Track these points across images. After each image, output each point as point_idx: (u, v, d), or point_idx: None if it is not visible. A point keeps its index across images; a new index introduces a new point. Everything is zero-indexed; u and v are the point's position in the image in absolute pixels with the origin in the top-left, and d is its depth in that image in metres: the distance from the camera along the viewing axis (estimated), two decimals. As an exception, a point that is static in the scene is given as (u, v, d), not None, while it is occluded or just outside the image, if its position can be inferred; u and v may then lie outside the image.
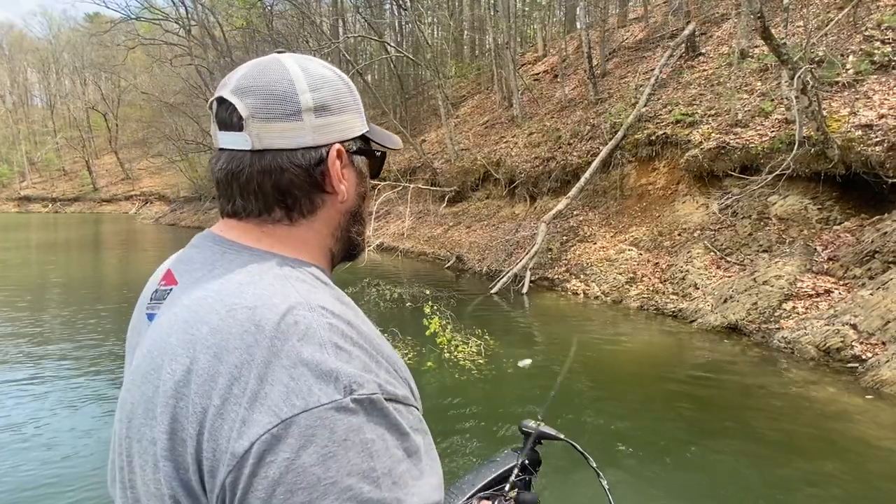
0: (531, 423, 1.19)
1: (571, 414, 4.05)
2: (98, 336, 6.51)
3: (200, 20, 23.07)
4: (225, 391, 0.43)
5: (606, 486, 1.17)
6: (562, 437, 1.17)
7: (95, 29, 34.24)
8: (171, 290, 0.55)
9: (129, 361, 0.59)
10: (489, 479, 1.10)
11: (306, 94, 0.56)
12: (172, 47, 25.56)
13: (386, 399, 0.46)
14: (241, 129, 0.55)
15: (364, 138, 0.62)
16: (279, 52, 0.60)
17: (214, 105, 0.57)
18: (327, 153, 0.57)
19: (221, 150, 0.58)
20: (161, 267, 0.62)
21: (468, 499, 1.04)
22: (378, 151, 0.65)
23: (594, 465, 1.18)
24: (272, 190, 0.56)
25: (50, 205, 42.79)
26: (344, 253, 0.64)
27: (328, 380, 0.43)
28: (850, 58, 7.09)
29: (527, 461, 1.14)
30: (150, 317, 0.56)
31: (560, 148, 10.86)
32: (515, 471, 1.11)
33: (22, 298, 8.84)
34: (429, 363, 4.65)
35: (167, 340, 0.49)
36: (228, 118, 0.55)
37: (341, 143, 0.58)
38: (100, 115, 43.13)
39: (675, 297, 6.69)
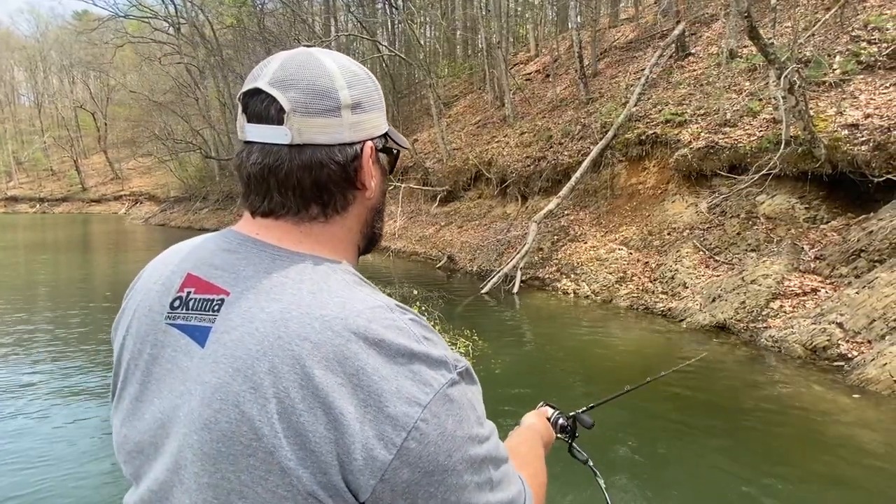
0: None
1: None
2: (85, 338, 6.39)
3: (190, 18, 22.85)
4: (354, 398, 0.47)
5: (603, 485, 1.15)
6: (558, 435, 1.15)
7: (83, 27, 33.80)
8: (221, 299, 0.54)
9: (129, 374, 0.58)
10: None
11: (345, 91, 0.56)
12: (162, 46, 25.27)
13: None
14: (280, 122, 0.54)
15: (385, 136, 0.63)
16: (307, 46, 0.61)
17: (248, 97, 0.56)
18: (361, 150, 0.58)
19: (250, 143, 0.57)
20: (163, 270, 0.60)
21: None
22: (395, 149, 0.66)
23: (591, 464, 1.17)
24: (311, 186, 0.56)
25: (37, 205, 42.19)
26: (366, 247, 0.66)
27: (440, 365, 0.50)
28: (837, 58, 7.14)
29: None
30: (190, 329, 0.54)
31: (551, 148, 10.86)
32: None
33: (7, 300, 8.68)
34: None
35: (264, 359, 0.49)
36: (265, 111, 0.55)
37: (371, 140, 0.60)
38: (88, 114, 42.59)
39: (664, 296, 6.70)
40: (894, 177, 5.62)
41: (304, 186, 0.56)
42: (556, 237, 9.13)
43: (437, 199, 13.47)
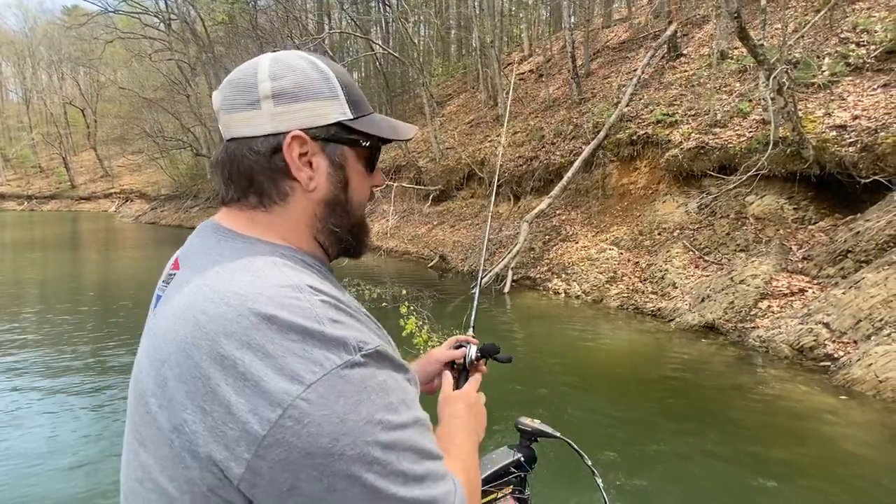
0: (527, 421, 1.19)
1: (552, 413, 4.02)
2: (73, 337, 6.29)
3: (181, 14, 22.59)
4: (234, 371, 0.46)
5: (602, 485, 1.16)
6: (558, 434, 1.17)
7: (73, 22, 33.34)
8: (174, 274, 0.59)
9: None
10: (485, 475, 1.11)
11: (266, 83, 0.58)
12: (152, 42, 24.98)
13: (385, 348, 0.53)
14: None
15: (344, 126, 0.61)
16: (273, 52, 0.63)
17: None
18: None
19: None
20: (174, 254, 0.66)
21: None
22: (364, 141, 0.63)
23: (589, 463, 1.17)
24: (238, 176, 0.59)
25: (25, 203, 41.60)
26: (336, 246, 0.65)
27: (336, 345, 0.48)
28: (826, 59, 7.18)
29: (523, 458, 1.15)
30: (158, 298, 0.59)
31: (543, 147, 10.86)
32: (511, 468, 1.12)
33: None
34: (404, 364, 4.56)
35: (171, 328, 0.52)
36: (217, 113, 0.61)
37: (306, 130, 0.58)
38: (77, 110, 42.04)
39: (654, 296, 6.71)
40: (881, 178, 5.66)
41: (233, 177, 0.59)
42: (547, 237, 9.12)
43: (430, 198, 13.43)
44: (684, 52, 10.19)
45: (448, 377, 0.92)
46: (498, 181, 11.36)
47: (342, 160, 0.62)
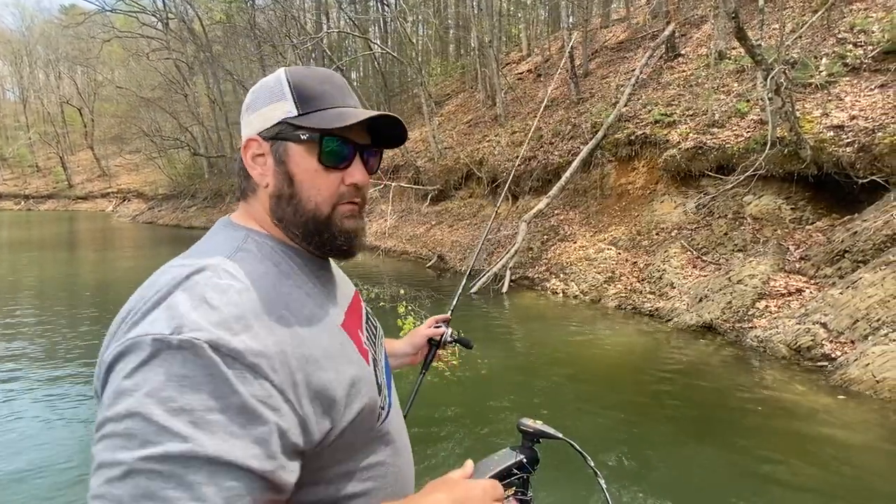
0: (529, 422, 1.19)
1: (550, 413, 4.01)
2: (69, 337, 6.26)
3: (179, 13, 22.52)
4: (121, 321, 0.53)
5: (604, 486, 1.16)
6: (560, 436, 1.16)
7: (70, 21, 33.21)
8: None
9: None
10: (487, 476, 1.08)
11: (247, 99, 0.70)
12: (150, 41, 24.90)
13: (221, 353, 0.49)
14: None
15: (289, 124, 0.64)
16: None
17: None
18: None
19: None
20: None
21: None
22: (304, 134, 0.63)
23: (592, 464, 1.18)
24: (236, 176, 0.72)
25: (22, 202, 41.41)
26: (303, 241, 0.66)
27: (168, 320, 0.49)
28: (824, 60, 7.19)
29: (525, 459, 1.13)
30: None
31: (542, 147, 10.85)
32: (514, 469, 1.11)
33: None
34: (401, 365, 4.54)
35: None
36: None
37: (260, 133, 0.66)
38: (75, 109, 41.87)
39: (652, 296, 6.71)
40: (878, 178, 5.67)
41: (238, 173, 0.72)
42: (545, 237, 9.12)
43: (428, 198, 13.41)
44: (682, 52, 10.19)
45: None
46: (495, 181, 11.43)
47: (284, 156, 0.65)
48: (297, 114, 0.63)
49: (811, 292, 5.38)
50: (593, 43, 13.72)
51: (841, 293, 4.96)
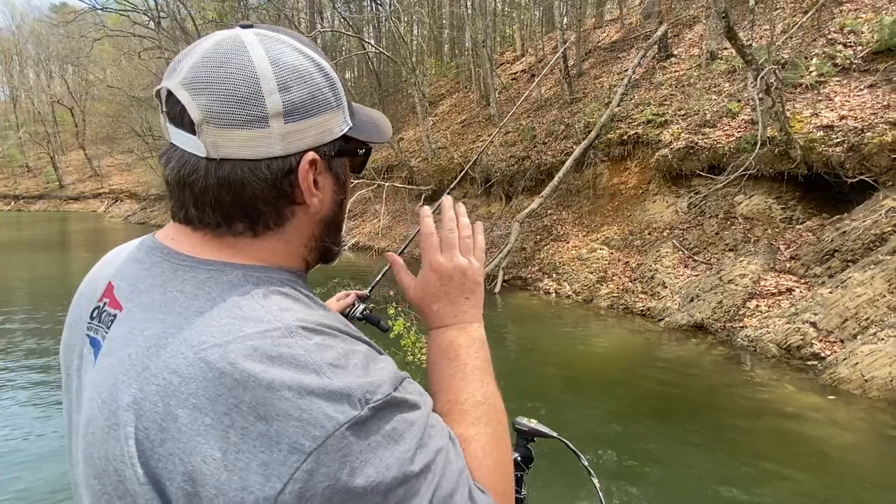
0: (524, 420, 1.17)
1: (542, 411, 3.99)
2: (53, 340, 6.18)
3: (171, 12, 22.36)
4: (223, 443, 0.40)
5: (598, 485, 1.16)
6: (555, 435, 1.15)
7: (60, 20, 32.90)
8: (115, 315, 0.49)
9: (69, 384, 0.54)
10: None
11: (274, 96, 0.47)
12: (142, 40, 24.70)
13: (395, 390, 0.46)
14: (193, 132, 0.47)
15: (345, 137, 0.54)
16: (244, 27, 0.49)
17: (163, 94, 0.48)
18: (298, 163, 0.50)
19: (174, 146, 0.50)
20: (97, 274, 0.56)
21: None
22: (362, 149, 0.57)
23: (586, 463, 1.18)
24: (232, 204, 0.49)
25: (12, 203, 40.96)
26: (318, 261, 0.59)
27: (340, 400, 0.42)
28: (814, 60, 7.23)
29: (520, 458, 1.13)
30: (94, 342, 0.50)
31: (535, 147, 10.85)
32: None
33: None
34: (391, 366, 4.50)
35: (127, 391, 0.43)
36: (179, 116, 0.47)
37: (316, 149, 0.51)
38: (66, 109, 41.49)
39: (643, 295, 6.72)
40: (867, 178, 5.70)
41: (223, 203, 0.49)
42: (539, 237, 9.11)
43: (422, 198, 13.38)
44: (675, 52, 10.23)
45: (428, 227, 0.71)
46: (489, 181, 11.42)
47: (344, 175, 0.56)
48: (351, 125, 0.54)
49: (801, 292, 5.40)
50: (587, 43, 13.75)
51: (830, 292, 4.98)
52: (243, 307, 0.45)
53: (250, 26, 0.50)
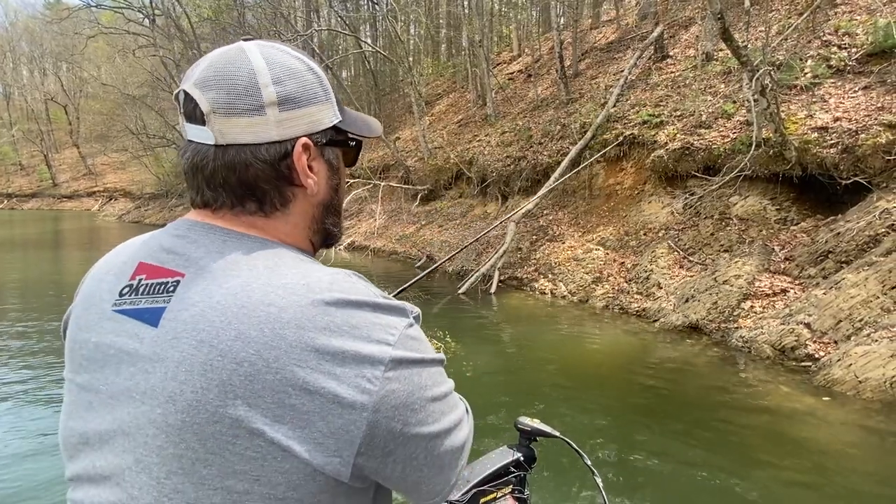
0: (527, 420, 1.19)
1: (538, 412, 3.97)
2: (53, 337, 6.10)
3: (165, 10, 22.21)
4: (328, 349, 0.50)
5: (601, 484, 1.17)
6: (557, 434, 1.17)
7: (54, 17, 32.62)
8: (176, 281, 0.54)
9: (89, 360, 0.57)
10: (485, 475, 1.10)
11: (269, 88, 0.56)
12: (136, 38, 24.52)
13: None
14: (203, 123, 0.56)
15: (336, 128, 0.62)
16: (246, 40, 0.59)
17: (181, 96, 0.58)
18: (293, 147, 0.58)
19: (190, 141, 0.59)
20: (114, 261, 0.61)
21: (464, 494, 1.06)
22: (353, 140, 0.65)
23: (589, 462, 1.19)
24: (237, 184, 0.57)
25: (5, 201, 40.62)
26: (322, 242, 0.67)
27: (399, 312, 0.55)
28: (808, 62, 7.25)
29: (522, 458, 1.15)
30: (140, 312, 0.54)
31: (531, 147, 10.84)
32: (511, 467, 1.13)
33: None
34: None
35: (229, 329, 0.50)
36: (192, 111, 0.56)
37: (309, 136, 0.59)
38: (59, 107, 41.15)
39: (639, 296, 6.71)
40: (861, 179, 5.72)
41: (231, 184, 0.57)
42: (534, 237, 9.10)
43: (418, 197, 13.35)
44: (670, 53, 10.24)
45: None
46: (485, 181, 11.40)
47: (337, 163, 0.64)
48: (340, 118, 0.62)
49: (795, 293, 5.41)
50: (583, 43, 13.75)
51: (824, 293, 4.99)
52: (300, 264, 0.56)
53: (251, 39, 0.60)
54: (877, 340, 4.25)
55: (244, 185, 0.57)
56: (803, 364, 4.62)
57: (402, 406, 0.52)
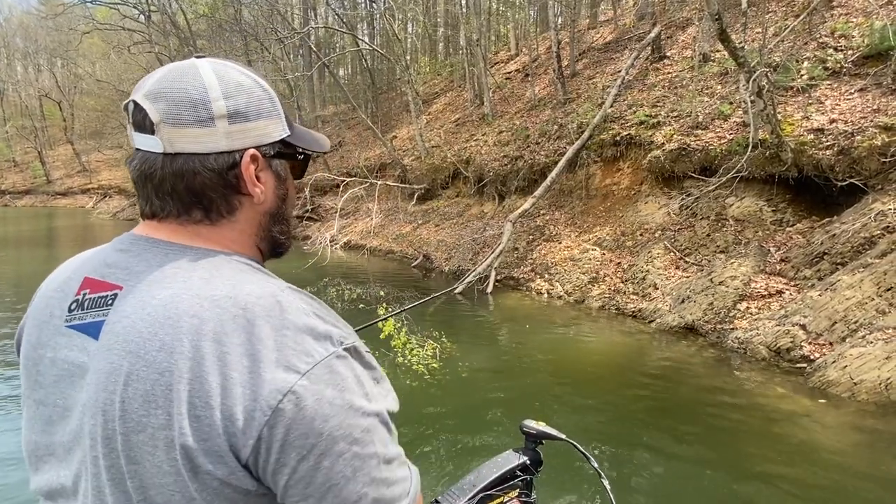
0: (532, 423, 1.19)
1: (535, 413, 3.95)
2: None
3: (161, 6, 22.06)
4: (239, 365, 0.50)
5: (608, 486, 1.16)
6: (563, 437, 1.17)
7: (49, 12, 32.34)
8: (114, 294, 0.57)
9: (39, 375, 0.59)
10: (491, 479, 1.10)
11: (220, 102, 0.59)
12: (131, 34, 24.35)
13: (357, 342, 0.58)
14: (153, 132, 0.58)
15: (284, 142, 0.65)
16: (198, 57, 0.62)
17: (131, 106, 0.59)
18: (241, 158, 0.60)
19: (137, 150, 0.60)
20: (59, 277, 0.63)
21: (470, 499, 1.06)
22: (300, 154, 0.68)
23: (596, 465, 1.18)
24: (186, 192, 0.59)
25: (-2, 198, 40.22)
26: (270, 251, 0.68)
27: (324, 339, 0.54)
28: (805, 63, 7.27)
29: (529, 461, 1.15)
30: (86, 326, 0.56)
31: (528, 147, 10.82)
32: (517, 471, 1.12)
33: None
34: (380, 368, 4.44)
35: (154, 339, 0.52)
36: (141, 121, 0.58)
37: (257, 147, 0.61)
38: (54, 103, 40.78)
39: (635, 297, 6.71)
40: (857, 181, 5.73)
41: (178, 192, 0.59)
42: (531, 237, 9.09)
43: (415, 197, 13.31)
44: (668, 54, 10.24)
45: None
46: (482, 181, 11.37)
47: (284, 174, 0.66)
48: (289, 133, 0.65)
49: (791, 294, 5.42)
50: (581, 43, 13.75)
51: (820, 295, 4.99)
52: (237, 276, 0.57)
53: (203, 56, 0.62)
54: (871, 342, 4.26)
55: (191, 192, 0.59)
56: (798, 366, 4.63)
57: (288, 446, 0.50)
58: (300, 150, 0.67)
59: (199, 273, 0.56)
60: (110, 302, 0.56)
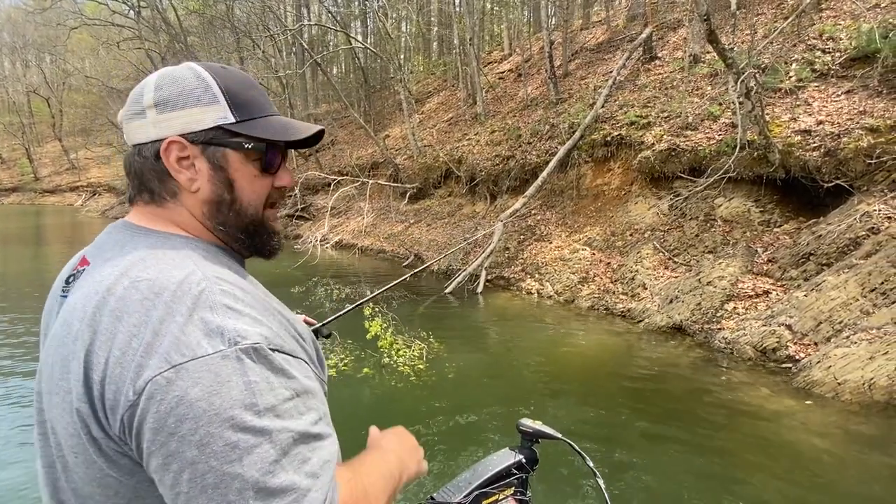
0: (528, 422, 1.19)
1: (526, 412, 3.93)
2: (30, 333, 5.93)
3: (151, 2, 21.80)
4: (124, 344, 0.52)
5: (603, 485, 1.17)
6: (559, 436, 1.17)
7: (37, 6, 31.86)
8: (84, 270, 0.63)
9: (43, 342, 0.65)
10: (486, 476, 1.10)
11: (150, 94, 0.64)
12: (121, 30, 24.04)
13: (271, 349, 0.55)
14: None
15: (224, 130, 0.64)
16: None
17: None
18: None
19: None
20: (77, 254, 0.69)
21: (466, 496, 1.07)
22: (247, 143, 0.65)
23: (591, 464, 1.19)
24: (133, 177, 0.66)
25: (-15, 195, 39.58)
26: (235, 244, 0.69)
27: (214, 335, 0.52)
28: (793, 65, 7.32)
29: (524, 459, 1.16)
30: (66, 298, 0.63)
31: (520, 147, 10.81)
32: (513, 469, 1.13)
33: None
34: (365, 369, 4.42)
35: (81, 310, 0.56)
36: None
37: (185, 135, 0.63)
38: (42, 99, 40.20)
39: (624, 297, 6.72)
40: (843, 182, 5.78)
41: (131, 178, 0.67)
42: (522, 237, 9.08)
43: (407, 196, 13.27)
44: (659, 55, 10.28)
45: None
46: (474, 180, 11.35)
47: (223, 162, 0.65)
48: (234, 121, 0.64)
49: (777, 294, 5.45)
50: (573, 44, 13.77)
51: (805, 295, 5.02)
52: (177, 258, 0.59)
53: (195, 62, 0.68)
54: (856, 343, 4.29)
55: (139, 178, 0.66)
56: (784, 366, 4.65)
57: (142, 436, 0.50)
58: (249, 138, 0.65)
59: (139, 254, 0.59)
60: (79, 277, 0.63)
